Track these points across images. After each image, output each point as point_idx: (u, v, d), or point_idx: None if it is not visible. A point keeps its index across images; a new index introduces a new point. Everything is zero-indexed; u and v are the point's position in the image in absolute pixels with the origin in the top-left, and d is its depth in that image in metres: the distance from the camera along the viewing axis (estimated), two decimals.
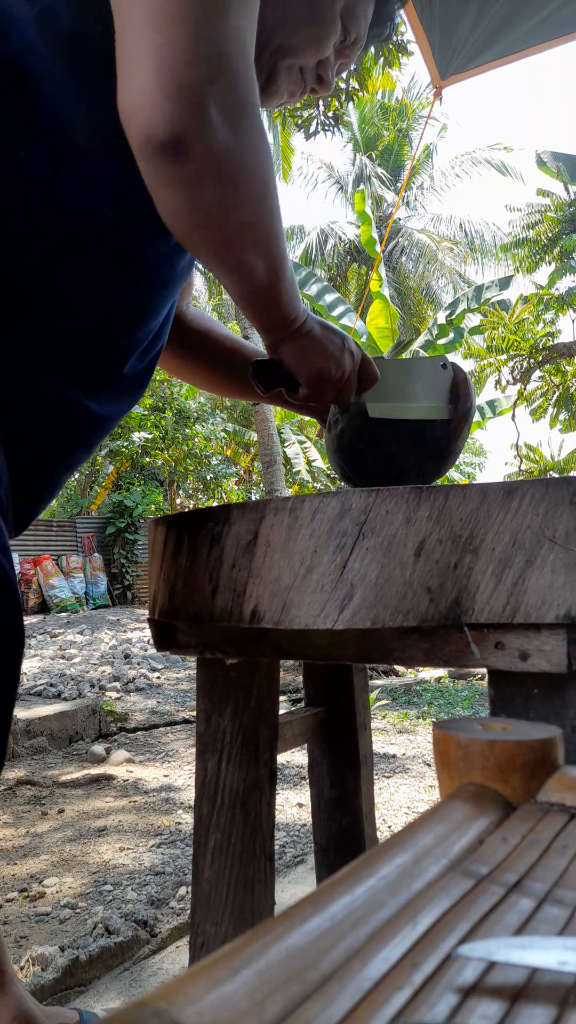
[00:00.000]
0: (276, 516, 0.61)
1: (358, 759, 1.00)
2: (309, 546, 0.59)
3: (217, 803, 0.76)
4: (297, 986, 0.18)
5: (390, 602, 0.56)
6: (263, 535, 0.61)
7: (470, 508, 0.55)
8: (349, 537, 0.58)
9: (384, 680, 4.63)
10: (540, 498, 0.54)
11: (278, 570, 0.60)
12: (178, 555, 0.69)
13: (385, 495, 0.57)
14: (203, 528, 0.66)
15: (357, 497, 0.58)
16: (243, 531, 0.63)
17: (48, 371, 0.74)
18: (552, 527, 0.53)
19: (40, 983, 1.20)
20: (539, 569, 0.53)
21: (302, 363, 0.76)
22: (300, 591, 0.59)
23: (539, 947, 0.21)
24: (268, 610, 0.61)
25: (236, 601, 0.63)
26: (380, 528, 0.57)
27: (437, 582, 0.55)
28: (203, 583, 0.65)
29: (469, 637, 0.56)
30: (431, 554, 0.56)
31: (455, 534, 0.55)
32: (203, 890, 0.76)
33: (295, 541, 0.60)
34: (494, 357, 7.75)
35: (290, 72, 0.82)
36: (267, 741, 0.78)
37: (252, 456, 13.75)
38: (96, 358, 0.78)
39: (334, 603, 0.58)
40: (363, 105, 17.09)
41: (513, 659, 0.55)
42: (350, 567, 0.57)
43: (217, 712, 0.77)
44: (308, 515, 0.59)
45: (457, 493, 0.56)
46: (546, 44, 3.10)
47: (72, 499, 12.48)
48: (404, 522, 0.56)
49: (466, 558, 0.55)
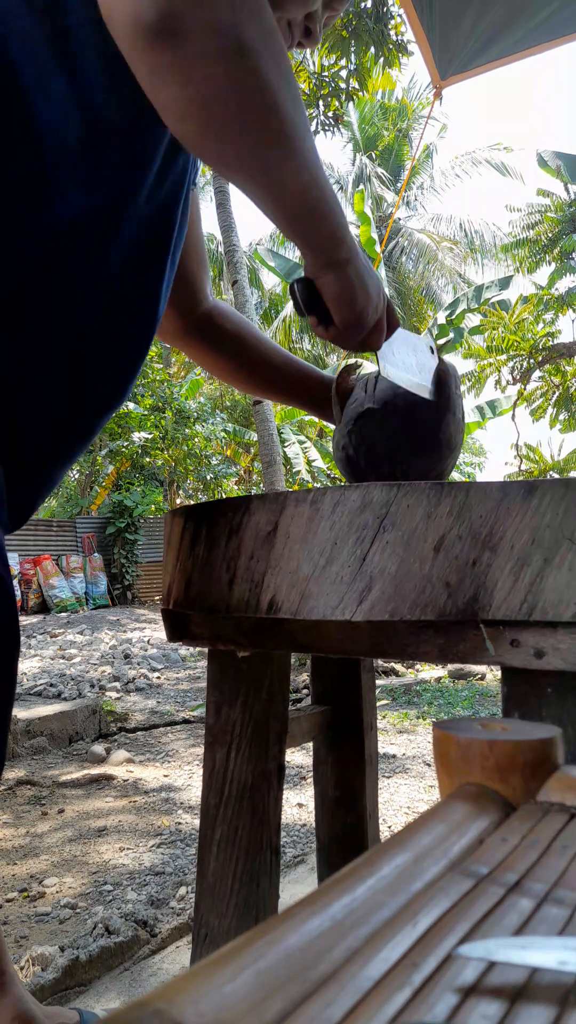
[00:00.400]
0: (297, 508, 0.61)
1: (363, 759, 1.00)
2: (329, 538, 0.60)
3: (225, 795, 0.76)
4: (297, 986, 0.18)
5: (408, 595, 0.56)
6: (283, 526, 0.62)
7: (490, 505, 0.55)
8: (369, 530, 0.58)
9: (384, 680, 4.63)
10: (560, 497, 0.54)
11: (297, 561, 0.61)
12: (195, 545, 0.69)
13: (406, 490, 0.58)
14: (222, 519, 0.66)
15: (378, 491, 0.58)
16: (263, 522, 0.63)
17: (51, 367, 0.75)
18: (571, 526, 0.53)
19: (40, 983, 1.20)
20: (557, 568, 0.53)
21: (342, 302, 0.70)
22: (319, 582, 0.60)
23: (539, 947, 0.21)
24: (286, 601, 0.61)
25: (253, 591, 0.63)
26: (401, 522, 0.57)
27: (456, 578, 0.56)
28: (220, 573, 0.66)
29: (484, 634, 0.56)
30: (450, 550, 0.56)
31: (475, 531, 0.56)
32: (208, 882, 0.76)
33: (315, 533, 0.60)
34: (494, 357, 7.75)
35: (279, 25, 0.81)
36: (276, 734, 0.78)
37: (252, 456, 13.75)
38: (98, 350, 0.78)
39: (353, 595, 0.58)
40: (363, 105, 17.10)
41: (528, 657, 0.55)
42: (370, 560, 0.58)
43: (227, 704, 0.77)
44: (329, 507, 0.60)
45: (478, 490, 0.56)
46: (546, 45, 3.10)
47: (72, 499, 12.48)
48: (425, 517, 0.57)
49: (485, 555, 0.55)
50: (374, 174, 17.29)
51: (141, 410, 10.49)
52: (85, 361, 0.77)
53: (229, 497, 0.68)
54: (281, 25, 0.82)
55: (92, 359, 0.78)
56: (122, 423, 10.44)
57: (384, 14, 4.65)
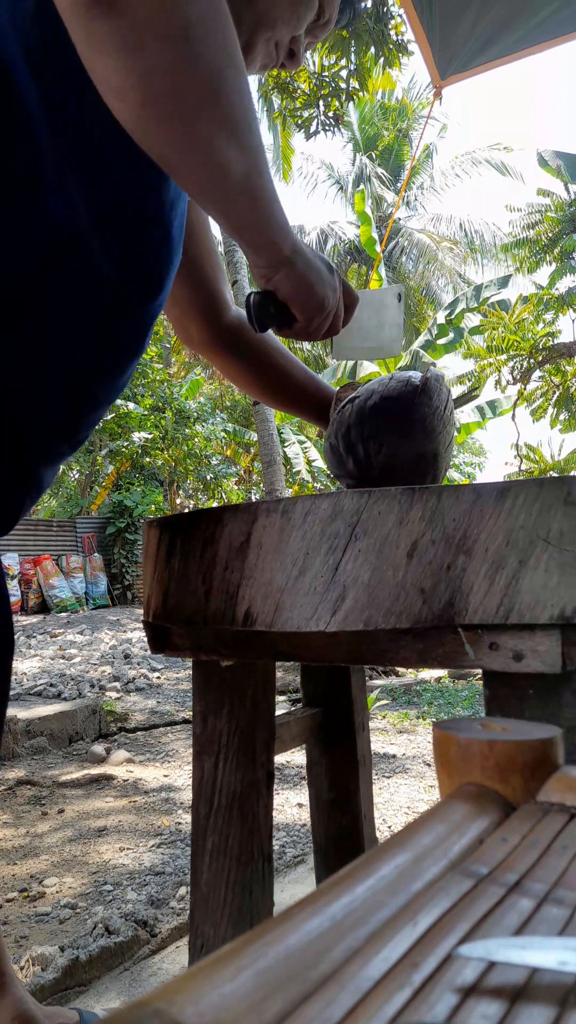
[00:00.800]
0: (268, 518, 0.61)
1: (356, 759, 1.00)
2: (301, 548, 0.59)
3: (214, 805, 0.76)
4: (297, 986, 0.18)
5: (383, 603, 0.56)
6: (255, 537, 0.61)
7: (463, 508, 0.55)
8: (341, 539, 0.57)
9: (384, 680, 4.63)
10: (533, 498, 0.53)
11: (270, 572, 0.60)
12: (171, 557, 0.69)
13: (377, 496, 0.57)
14: (196, 530, 0.66)
15: (349, 498, 0.58)
16: (235, 533, 0.63)
17: (51, 367, 0.75)
18: (546, 527, 0.53)
19: (40, 983, 1.20)
20: (533, 569, 0.53)
21: (301, 292, 0.70)
22: (292, 593, 0.59)
23: (539, 947, 0.21)
24: (261, 612, 0.60)
25: (229, 603, 0.62)
26: (372, 529, 0.57)
27: (430, 583, 0.55)
28: (196, 585, 0.65)
29: (463, 638, 0.56)
30: (424, 555, 0.55)
31: (448, 535, 0.55)
32: (201, 892, 0.76)
33: (287, 543, 0.60)
34: (494, 357, 7.75)
35: (267, 45, 0.82)
36: (264, 742, 0.78)
37: (252, 456, 13.76)
38: (98, 350, 0.78)
39: (326, 605, 0.57)
40: (363, 105, 17.09)
41: (507, 660, 0.55)
42: (342, 569, 0.57)
43: (213, 714, 0.76)
44: (300, 517, 0.59)
45: (450, 493, 0.55)
46: (546, 44, 3.10)
47: (72, 499, 12.48)
48: (396, 523, 0.56)
49: (459, 559, 0.55)
50: (374, 174, 17.28)
51: (141, 410, 10.49)
52: (85, 361, 0.77)
53: (202, 508, 0.68)
54: (269, 46, 0.83)
55: (92, 359, 0.78)
56: (122, 423, 10.43)
57: (384, 14, 4.65)
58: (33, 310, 0.71)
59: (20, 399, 0.74)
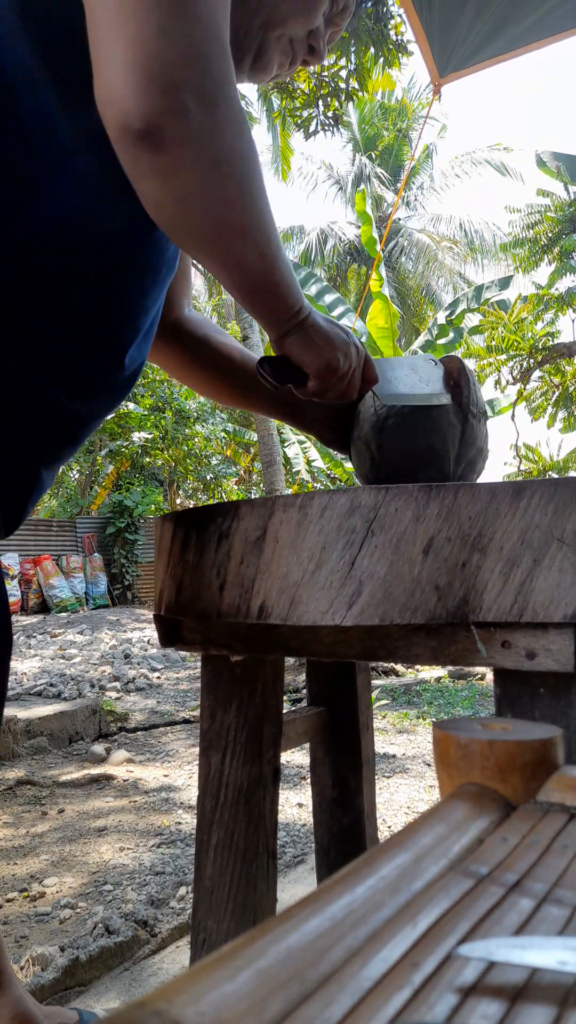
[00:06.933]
0: (285, 512, 0.61)
1: (360, 759, 1.00)
2: (318, 543, 0.59)
3: (220, 800, 0.76)
4: (297, 986, 0.18)
5: (398, 599, 0.56)
6: (272, 531, 0.62)
7: (479, 507, 0.55)
8: (358, 534, 0.58)
9: (384, 680, 4.63)
10: (549, 498, 0.54)
11: (286, 566, 0.61)
12: (186, 551, 0.69)
13: (394, 493, 0.57)
14: (211, 524, 0.66)
15: (366, 494, 0.58)
16: (252, 527, 0.63)
17: (40, 376, 0.74)
18: (561, 527, 0.53)
19: (40, 983, 1.20)
20: (547, 568, 0.53)
21: (311, 353, 0.76)
22: (308, 587, 0.59)
23: (539, 947, 0.21)
24: (276, 606, 0.61)
25: (244, 597, 0.63)
26: (389, 525, 0.57)
27: (445, 580, 0.55)
28: (211, 579, 0.65)
29: (476, 636, 0.56)
30: (440, 552, 0.56)
31: (464, 533, 0.55)
32: (205, 887, 0.76)
33: (304, 538, 0.60)
34: (494, 357, 7.75)
35: (280, 44, 0.82)
36: (271, 738, 0.78)
37: (252, 456, 13.75)
38: (90, 359, 0.78)
39: (342, 600, 0.58)
40: (363, 105, 17.10)
41: (520, 658, 0.55)
42: (359, 564, 0.57)
43: (221, 709, 0.77)
44: (317, 512, 0.60)
45: (466, 492, 0.56)
46: (545, 41, 3.10)
47: (72, 499, 12.48)
48: (413, 520, 0.56)
49: (474, 557, 0.55)
50: (374, 174, 17.29)
51: (141, 410, 10.49)
52: (85, 359, 0.77)
53: (219, 502, 0.69)
54: (283, 43, 0.82)
55: (92, 357, 0.78)
56: (122, 423, 10.43)
57: (384, 14, 4.65)
58: (33, 308, 0.71)
59: (20, 399, 0.74)
